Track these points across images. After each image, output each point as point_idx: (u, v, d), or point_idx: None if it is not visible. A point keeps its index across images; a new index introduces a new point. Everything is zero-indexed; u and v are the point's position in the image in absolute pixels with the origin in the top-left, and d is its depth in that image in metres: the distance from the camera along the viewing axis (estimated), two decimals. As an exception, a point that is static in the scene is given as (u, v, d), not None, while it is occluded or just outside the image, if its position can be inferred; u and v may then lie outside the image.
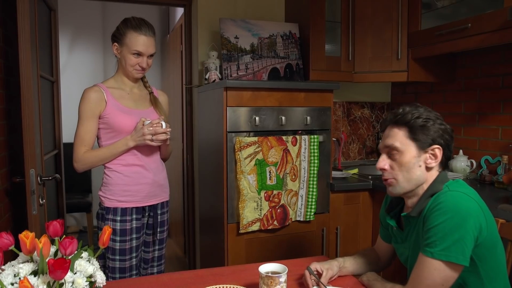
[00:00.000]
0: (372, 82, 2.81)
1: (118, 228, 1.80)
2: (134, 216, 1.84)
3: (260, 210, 2.18)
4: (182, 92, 3.27)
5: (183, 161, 3.36)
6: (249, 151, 2.12)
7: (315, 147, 2.29)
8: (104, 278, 1.03)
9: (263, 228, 2.21)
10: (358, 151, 3.19)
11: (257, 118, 2.18)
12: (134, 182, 1.83)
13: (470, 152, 2.54)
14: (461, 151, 2.53)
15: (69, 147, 4.04)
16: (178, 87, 3.56)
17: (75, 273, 0.96)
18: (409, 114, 1.21)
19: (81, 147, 1.77)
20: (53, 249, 1.01)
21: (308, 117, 2.30)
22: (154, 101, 1.93)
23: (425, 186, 1.22)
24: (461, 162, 2.48)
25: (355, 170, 2.78)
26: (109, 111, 1.78)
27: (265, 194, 2.18)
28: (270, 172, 2.17)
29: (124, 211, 1.81)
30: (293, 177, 2.24)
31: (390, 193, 1.28)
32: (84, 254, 1.03)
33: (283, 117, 2.24)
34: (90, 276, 0.99)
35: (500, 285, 1.20)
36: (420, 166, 1.20)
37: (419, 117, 1.20)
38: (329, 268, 1.34)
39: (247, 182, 2.13)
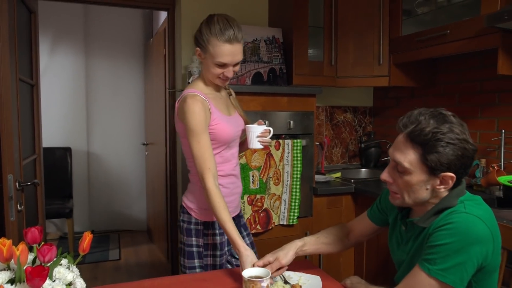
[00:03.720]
0: (354, 86, 2.84)
1: (218, 242, 1.62)
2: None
3: (243, 215, 2.18)
4: (166, 96, 3.25)
5: (166, 165, 3.33)
6: (232, 155, 2.12)
7: (298, 151, 2.30)
8: (85, 285, 1.01)
9: (246, 233, 2.20)
10: (341, 155, 3.22)
11: (240, 122, 2.18)
12: (230, 193, 1.65)
13: (449, 155, 2.59)
14: (441, 155, 2.57)
15: (49, 151, 4.01)
16: (161, 91, 3.53)
17: (54, 280, 0.94)
18: (430, 133, 1.06)
19: (209, 175, 1.48)
20: (31, 257, 0.99)
21: (291, 122, 2.31)
22: (235, 105, 1.75)
23: (433, 201, 1.15)
24: (441, 165, 2.52)
25: (338, 174, 2.81)
26: (215, 121, 1.57)
27: (248, 198, 2.18)
28: (253, 176, 2.18)
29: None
30: (276, 181, 2.25)
31: (393, 203, 1.22)
32: (64, 261, 1.02)
33: (266, 122, 2.24)
34: (70, 284, 0.97)
35: None
36: (427, 189, 1.12)
37: (440, 140, 1.05)
38: (280, 259, 1.34)
39: (231, 186, 2.13)
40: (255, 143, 1.62)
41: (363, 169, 3.08)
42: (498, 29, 1.86)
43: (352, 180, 2.62)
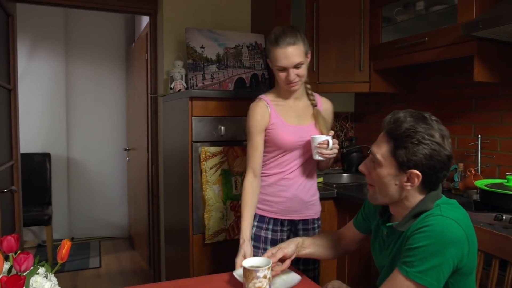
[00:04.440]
0: (336, 92, 2.87)
1: (253, 232, 1.73)
2: (270, 227, 1.76)
3: (226, 220, 2.17)
4: (147, 101, 3.23)
5: (148, 171, 3.30)
6: (214, 161, 2.12)
7: (281, 156, 2.30)
8: (62, 294, 0.99)
9: (228, 238, 2.19)
10: (323, 160, 3.24)
11: (222, 128, 2.18)
12: (274, 194, 1.74)
13: (429, 160, 2.64)
14: (420, 160, 2.62)
15: (27, 157, 3.93)
16: (143, 96, 3.51)
17: (31, 290, 0.92)
18: (403, 129, 1.11)
19: (250, 172, 1.70)
20: (7, 266, 0.97)
21: (274, 127, 2.32)
22: (316, 115, 1.79)
23: (408, 204, 1.18)
24: (421, 170, 2.56)
25: (320, 179, 2.82)
26: (272, 126, 1.70)
27: (231, 204, 2.18)
28: (235, 181, 2.17)
29: (262, 218, 1.75)
30: (259, 186, 2.25)
31: (369, 200, 1.25)
32: (41, 270, 0.99)
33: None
34: (47, 293, 0.95)
35: None
36: (396, 184, 1.15)
37: (411, 136, 1.10)
38: (283, 248, 1.36)
39: (213, 192, 2.12)
40: (314, 154, 1.66)
41: (345, 174, 3.11)
42: (473, 37, 1.91)
43: (334, 185, 2.64)
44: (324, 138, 1.65)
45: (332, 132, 1.70)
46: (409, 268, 1.08)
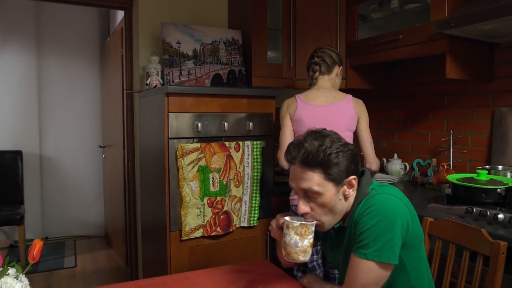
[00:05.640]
0: (313, 89, 2.88)
1: None
2: None
3: (203, 217, 2.16)
4: (123, 97, 3.17)
5: (124, 168, 3.25)
6: (191, 157, 2.10)
7: (258, 152, 2.31)
8: (34, 295, 0.97)
9: (206, 235, 2.19)
10: (301, 156, 3.26)
11: (199, 124, 2.17)
12: None
13: (403, 155, 2.70)
14: (395, 155, 2.68)
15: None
16: (118, 92, 3.44)
17: (0, 291, 0.90)
18: (320, 152, 1.15)
19: None
20: (-26, 267, 0.94)
21: (251, 123, 2.32)
22: None
23: (348, 206, 1.24)
24: (396, 165, 2.62)
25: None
26: None
27: (208, 201, 2.17)
28: (213, 178, 2.17)
29: None
30: (237, 183, 2.25)
31: (323, 231, 1.26)
32: (11, 271, 0.97)
33: (225, 123, 2.24)
34: (18, 294, 0.93)
35: (425, 279, 1.27)
36: (340, 199, 1.20)
37: (331, 153, 1.15)
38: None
39: (190, 188, 2.11)
40: None
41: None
42: (445, 35, 1.96)
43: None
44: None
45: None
46: (366, 250, 1.14)
